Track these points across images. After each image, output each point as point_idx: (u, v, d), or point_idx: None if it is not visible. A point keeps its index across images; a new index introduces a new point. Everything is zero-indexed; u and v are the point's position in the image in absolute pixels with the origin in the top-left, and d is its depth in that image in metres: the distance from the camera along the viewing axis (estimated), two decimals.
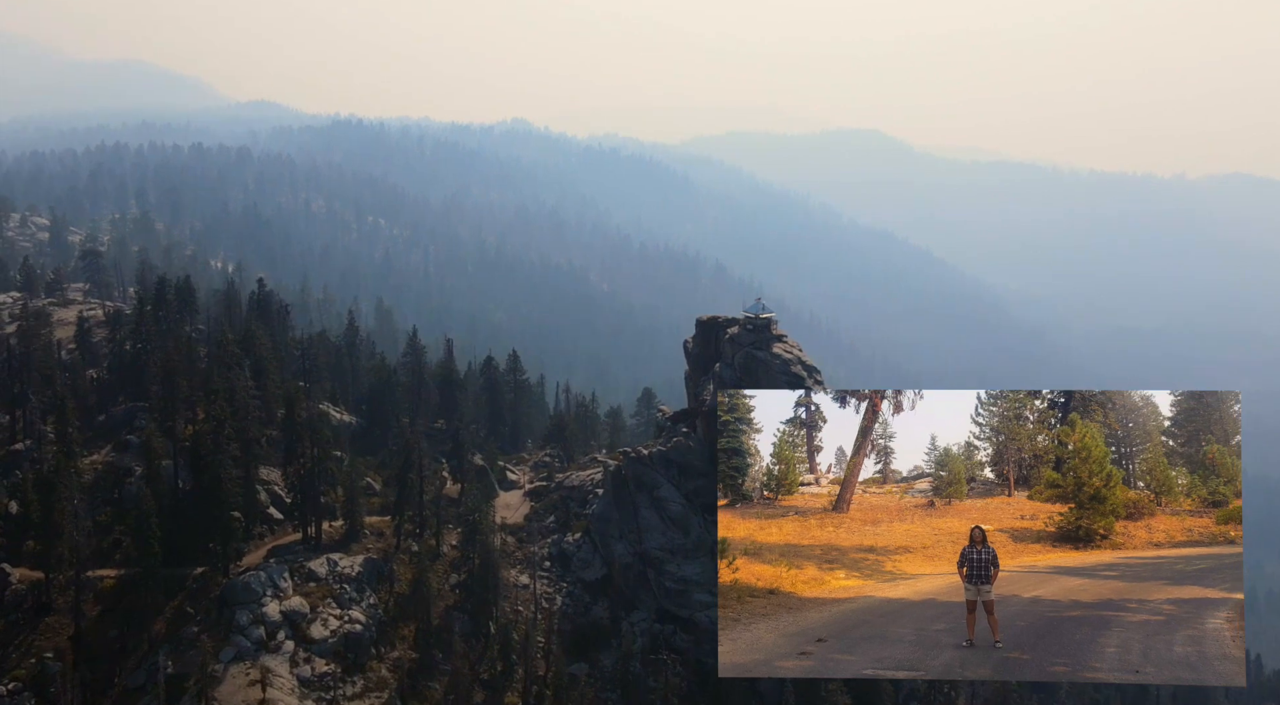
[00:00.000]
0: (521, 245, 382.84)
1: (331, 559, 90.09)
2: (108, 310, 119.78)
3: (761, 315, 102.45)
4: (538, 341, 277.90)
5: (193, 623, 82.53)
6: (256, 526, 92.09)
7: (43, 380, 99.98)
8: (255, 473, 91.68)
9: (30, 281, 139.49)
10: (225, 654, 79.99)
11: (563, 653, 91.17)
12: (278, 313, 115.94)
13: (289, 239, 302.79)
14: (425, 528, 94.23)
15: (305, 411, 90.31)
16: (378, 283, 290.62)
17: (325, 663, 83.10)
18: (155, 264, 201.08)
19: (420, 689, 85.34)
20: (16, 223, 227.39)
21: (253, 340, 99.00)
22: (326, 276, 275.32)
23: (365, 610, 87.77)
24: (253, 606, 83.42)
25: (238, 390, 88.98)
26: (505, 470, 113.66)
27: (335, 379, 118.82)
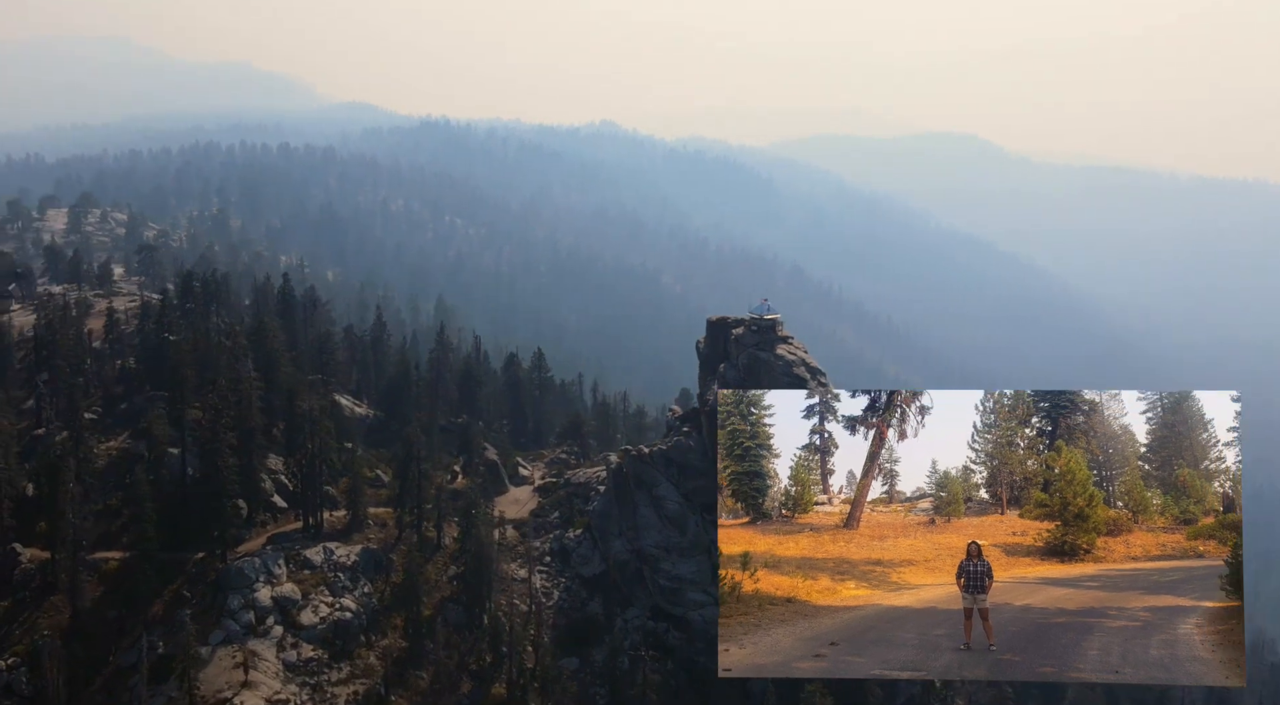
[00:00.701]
0: (596, 247, 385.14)
1: (328, 547, 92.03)
2: (144, 302, 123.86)
3: (766, 316, 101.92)
4: (603, 342, 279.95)
5: (188, 606, 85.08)
6: (260, 514, 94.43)
7: (71, 369, 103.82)
8: (260, 462, 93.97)
9: (78, 273, 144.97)
10: (214, 637, 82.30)
11: (556, 647, 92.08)
12: (304, 307, 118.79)
13: (363, 237, 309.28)
14: (424, 519, 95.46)
15: (306, 402, 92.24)
16: (446, 281, 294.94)
17: (313, 649, 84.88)
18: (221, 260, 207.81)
19: (407, 677, 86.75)
20: (97, 218, 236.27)
21: (264, 332, 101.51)
22: (396, 274, 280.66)
23: (358, 598, 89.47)
24: (245, 592, 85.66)
25: (242, 380, 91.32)
26: (518, 466, 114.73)
27: (360, 373, 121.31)
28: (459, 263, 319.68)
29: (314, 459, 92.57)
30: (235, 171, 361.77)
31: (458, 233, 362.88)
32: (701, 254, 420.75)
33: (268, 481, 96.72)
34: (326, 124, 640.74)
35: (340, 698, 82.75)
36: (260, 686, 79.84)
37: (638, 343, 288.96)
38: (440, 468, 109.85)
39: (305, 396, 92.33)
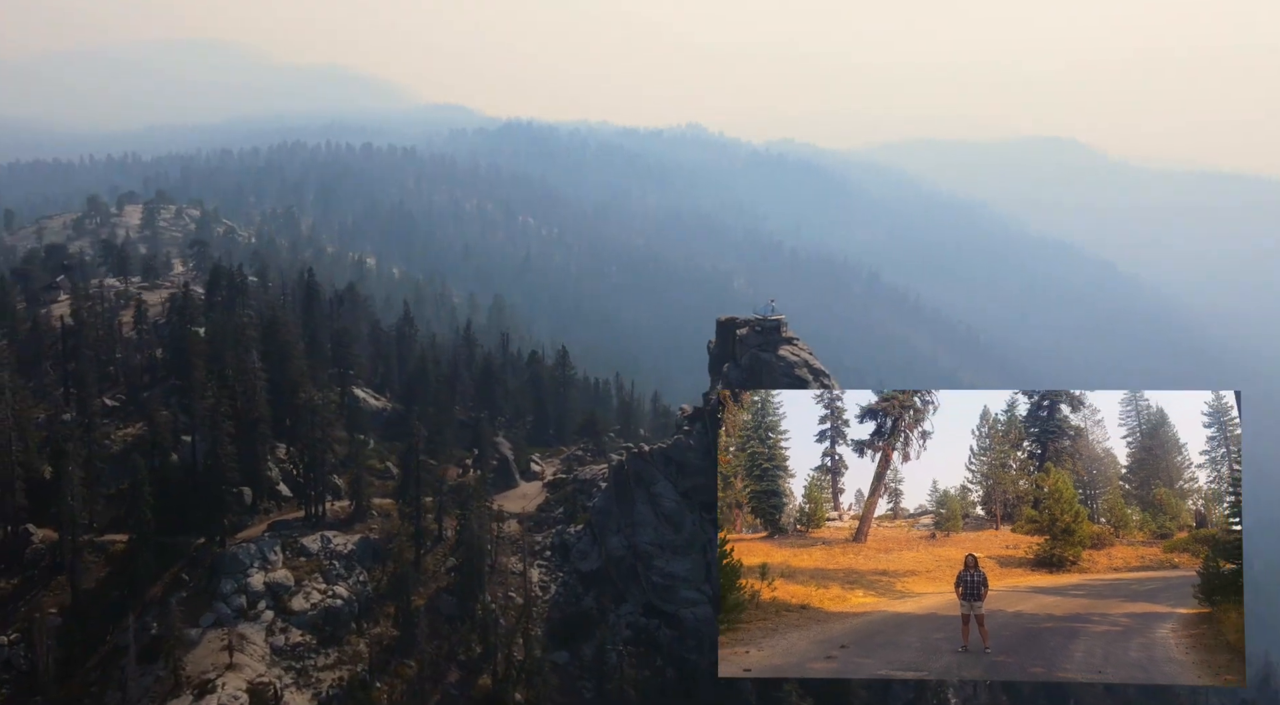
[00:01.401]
0: (669, 248, 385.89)
1: (326, 536, 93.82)
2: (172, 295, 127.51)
3: (770, 317, 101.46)
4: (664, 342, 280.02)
5: (184, 589, 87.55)
6: (264, 502, 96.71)
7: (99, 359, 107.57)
8: (267, 451, 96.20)
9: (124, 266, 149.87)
10: (205, 619, 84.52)
11: (548, 640, 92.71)
12: (331, 302, 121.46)
13: (433, 236, 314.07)
14: (423, 511, 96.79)
15: (306, 393, 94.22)
16: (513, 280, 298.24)
17: (301, 634, 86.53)
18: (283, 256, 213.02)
19: (395, 665, 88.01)
20: (171, 214, 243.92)
21: (276, 325, 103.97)
22: (462, 272, 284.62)
23: (351, 586, 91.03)
24: (238, 576, 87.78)
25: (246, 371, 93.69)
26: (531, 462, 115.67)
27: (384, 367, 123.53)
28: (527, 262, 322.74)
29: (315, 449, 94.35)
30: (315, 171, 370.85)
31: (529, 232, 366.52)
32: (775, 257, 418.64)
33: (275, 470, 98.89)
34: (417, 125, 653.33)
35: (325, 682, 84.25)
36: (244, 669, 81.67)
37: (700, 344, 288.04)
38: (452, 461, 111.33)
39: (306, 387, 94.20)
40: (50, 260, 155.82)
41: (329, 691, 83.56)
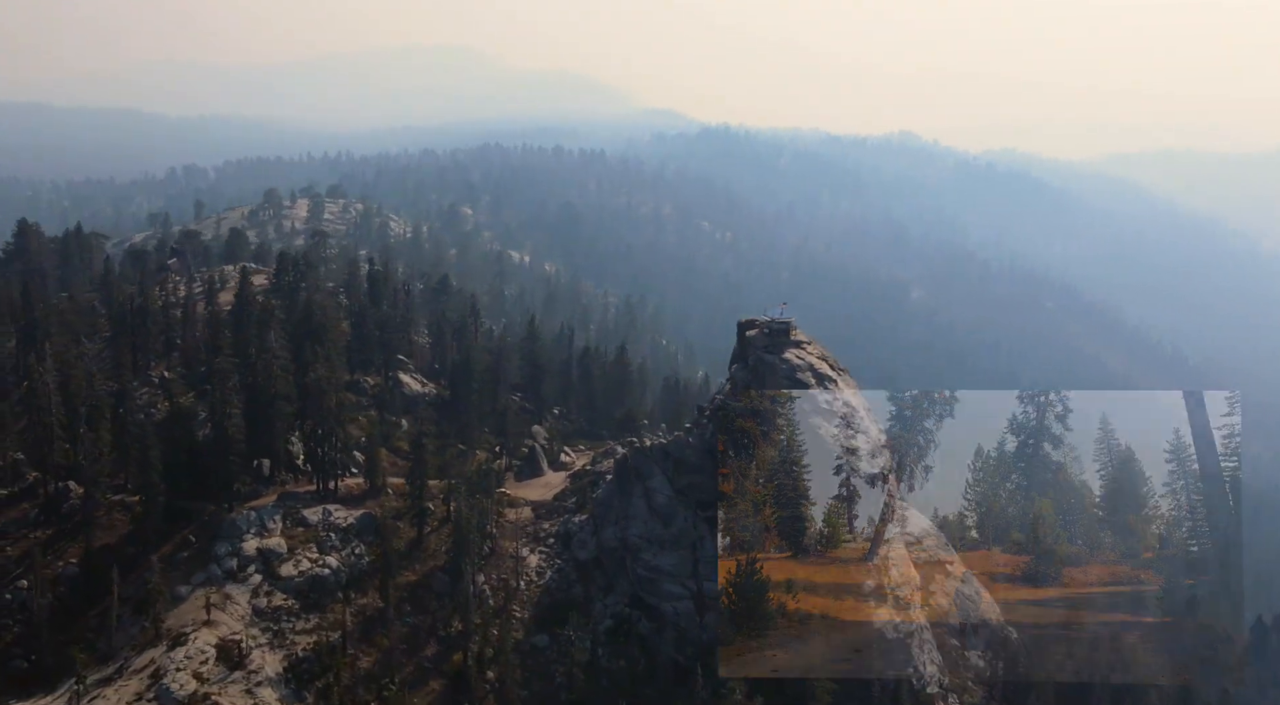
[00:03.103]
0: (848, 256, 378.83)
1: (328, 509, 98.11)
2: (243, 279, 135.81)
3: (779, 319, 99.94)
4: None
5: (188, 549, 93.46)
6: (281, 474, 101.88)
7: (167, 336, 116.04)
8: (284, 426, 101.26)
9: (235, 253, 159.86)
10: (196, 578, 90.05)
11: (533, 624, 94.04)
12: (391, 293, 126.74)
13: (598, 236, 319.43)
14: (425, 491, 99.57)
15: (315, 373, 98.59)
16: (673, 282, 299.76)
17: (285, 598, 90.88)
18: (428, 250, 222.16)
19: (374, 635, 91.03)
20: (339, 209, 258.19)
21: (311, 309, 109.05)
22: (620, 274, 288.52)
23: (343, 558, 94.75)
24: (234, 540, 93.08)
25: (265, 350, 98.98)
26: (562, 452, 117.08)
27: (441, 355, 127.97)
28: (691, 265, 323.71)
29: (326, 426, 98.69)
30: (506, 172, 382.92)
31: (702, 236, 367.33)
32: (962, 267, 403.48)
33: (298, 446, 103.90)
34: (627, 129, 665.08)
35: (299, 645, 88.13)
36: (220, 626, 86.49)
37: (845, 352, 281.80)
38: (484, 448, 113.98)
39: (318, 368, 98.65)
40: (162, 248, 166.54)
41: (300, 654, 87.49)
